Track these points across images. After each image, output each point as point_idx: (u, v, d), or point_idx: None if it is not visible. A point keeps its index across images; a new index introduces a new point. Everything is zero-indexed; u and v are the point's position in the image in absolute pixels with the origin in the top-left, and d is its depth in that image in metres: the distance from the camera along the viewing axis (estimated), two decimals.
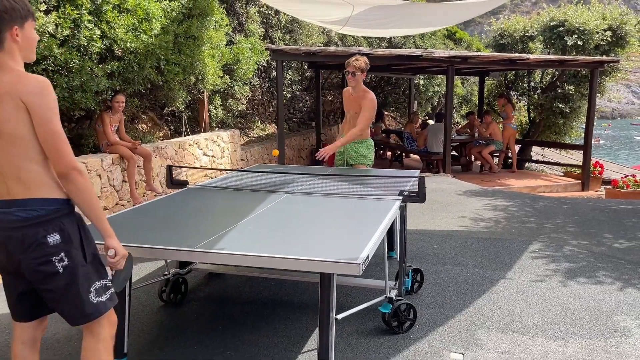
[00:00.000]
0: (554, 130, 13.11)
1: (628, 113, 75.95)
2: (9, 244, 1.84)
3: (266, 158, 9.85)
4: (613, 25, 12.09)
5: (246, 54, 8.32)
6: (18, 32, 1.82)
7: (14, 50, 1.83)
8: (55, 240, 1.85)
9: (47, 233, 1.84)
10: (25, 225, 1.82)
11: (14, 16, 1.80)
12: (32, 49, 1.91)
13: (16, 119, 1.78)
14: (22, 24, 1.84)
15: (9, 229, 1.84)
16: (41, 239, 1.83)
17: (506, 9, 74.87)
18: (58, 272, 1.87)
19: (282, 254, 2.23)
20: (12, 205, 1.84)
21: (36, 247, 1.83)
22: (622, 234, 5.48)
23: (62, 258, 1.86)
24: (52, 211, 1.86)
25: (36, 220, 1.83)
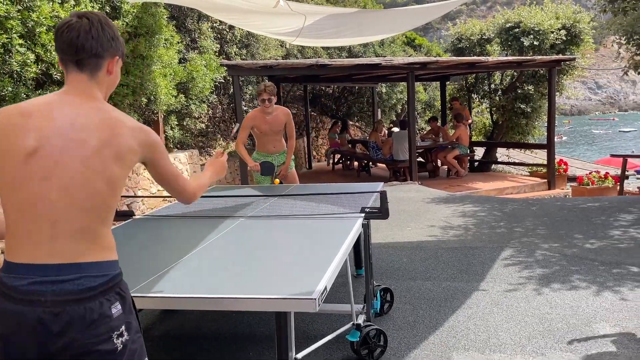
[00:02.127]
0: (517, 131, 13.20)
1: (586, 109, 78.36)
2: (58, 323, 1.41)
3: (229, 177, 9.55)
4: (567, 24, 12.28)
5: (201, 71, 8.04)
6: (115, 65, 1.64)
7: (103, 84, 1.61)
8: (117, 312, 1.49)
9: (111, 303, 1.48)
10: (89, 297, 1.44)
11: (118, 47, 1.63)
12: (113, 87, 1.70)
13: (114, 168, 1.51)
14: (120, 59, 1.66)
15: (61, 303, 1.41)
16: (107, 311, 1.47)
17: (462, 13, 76.47)
18: (115, 350, 1.48)
19: (230, 294, 1.99)
20: (66, 272, 1.44)
21: (102, 322, 1.45)
22: (592, 233, 5.40)
23: (122, 332, 1.50)
24: (114, 276, 1.52)
25: (100, 288, 1.47)
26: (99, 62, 1.57)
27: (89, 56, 1.55)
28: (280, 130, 5.09)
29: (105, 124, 1.51)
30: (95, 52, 1.55)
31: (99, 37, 1.55)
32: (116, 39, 1.61)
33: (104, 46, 1.56)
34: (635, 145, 40.18)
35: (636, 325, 3.23)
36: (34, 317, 1.41)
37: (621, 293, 3.74)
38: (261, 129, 5.00)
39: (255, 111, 5.01)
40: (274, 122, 5.00)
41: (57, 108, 1.50)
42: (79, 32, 1.53)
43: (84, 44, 1.53)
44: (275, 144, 5.16)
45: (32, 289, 1.41)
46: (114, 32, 1.61)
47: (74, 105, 1.52)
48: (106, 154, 1.49)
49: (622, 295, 3.71)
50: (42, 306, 1.41)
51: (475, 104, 14.39)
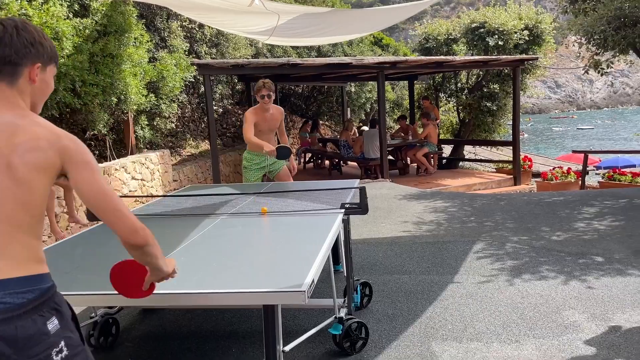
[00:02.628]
0: (483, 129, 13.52)
1: (546, 107, 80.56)
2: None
3: (200, 177, 9.49)
4: (529, 24, 12.65)
5: (171, 71, 7.98)
6: (38, 72, 1.52)
7: (26, 92, 1.51)
8: (55, 327, 1.40)
9: (46, 319, 1.38)
10: (19, 315, 1.34)
11: (41, 53, 1.52)
12: (43, 97, 1.59)
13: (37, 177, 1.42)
14: (45, 65, 1.55)
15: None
16: (41, 328, 1.37)
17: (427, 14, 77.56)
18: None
19: (217, 289, 2.01)
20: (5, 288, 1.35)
21: (38, 340, 1.35)
22: (558, 225, 5.60)
23: (61, 349, 1.40)
24: (45, 290, 1.42)
25: (31, 304, 1.37)
26: (16, 70, 1.48)
27: (3, 64, 1.47)
28: (275, 128, 5.09)
29: (23, 132, 1.42)
30: (10, 60, 1.47)
31: (13, 44, 1.47)
32: (36, 44, 1.51)
33: (19, 53, 1.48)
34: (593, 142, 41.59)
35: (603, 311, 3.39)
36: None
37: (588, 282, 3.91)
38: (260, 126, 4.95)
39: (255, 109, 4.96)
40: (272, 120, 4.99)
41: None
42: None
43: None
44: (269, 142, 5.08)
45: None
46: (34, 36, 1.51)
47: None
48: (23, 162, 1.41)
49: (589, 283, 3.88)
50: None
51: (443, 102, 14.67)
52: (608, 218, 5.81)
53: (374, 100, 17.47)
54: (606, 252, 4.60)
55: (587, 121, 62.32)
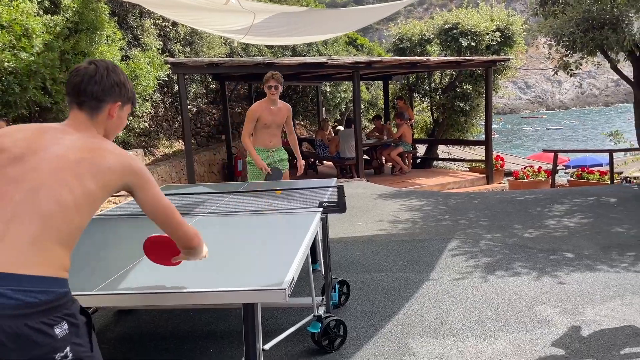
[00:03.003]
0: (456, 128, 13.72)
1: (517, 108, 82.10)
2: None
3: (175, 177, 9.38)
4: (501, 26, 12.88)
5: (144, 69, 7.87)
6: (117, 110, 1.72)
7: (102, 125, 1.70)
8: (63, 332, 1.39)
9: (55, 323, 1.37)
10: (28, 314, 1.33)
11: (123, 93, 1.72)
12: (116, 132, 1.78)
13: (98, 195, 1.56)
14: (124, 104, 1.75)
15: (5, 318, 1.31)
16: (48, 331, 1.35)
17: (400, 15, 78.25)
18: None
19: (197, 287, 2.00)
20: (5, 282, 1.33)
21: (43, 343, 1.35)
22: (530, 223, 5.73)
23: (66, 354, 1.39)
24: (61, 295, 1.41)
25: (43, 306, 1.36)
26: (99, 105, 1.67)
27: (89, 99, 1.65)
28: (281, 124, 5.01)
29: (90, 145, 1.59)
30: (96, 96, 1.66)
31: (102, 83, 1.66)
32: (121, 85, 1.70)
33: (105, 91, 1.67)
34: (562, 142, 42.57)
35: (574, 306, 3.48)
36: None
37: (559, 277, 4.02)
38: (265, 119, 4.86)
39: (260, 102, 4.89)
40: (278, 114, 4.93)
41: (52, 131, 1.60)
42: (83, 78, 1.65)
43: (86, 88, 1.65)
44: (273, 138, 5.03)
45: None
46: (121, 79, 1.70)
47: (65, 133, 1.61)
48: (83, 170, 1.52)
49: (560, 279, 3.98)
50: None
51: (417, 102, 14.82)
52: (577, 215, 5.97)
53: (349, 100, 17.54)
54: (576, 248, 4.73)
55: (556, 121, 63.80)
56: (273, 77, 4.79)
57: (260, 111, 4.85)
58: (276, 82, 4.79)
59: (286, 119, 5.03)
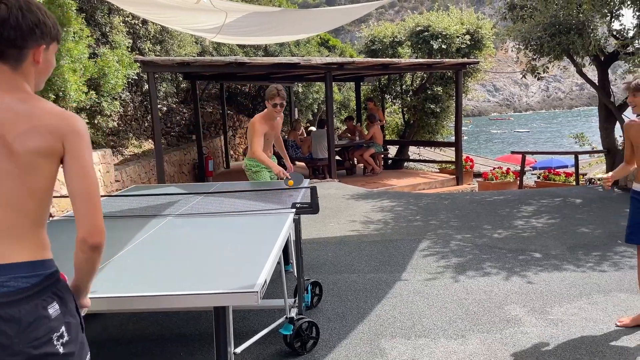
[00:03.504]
0: (427, 130, 13.86)
1: (485, 110, 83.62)
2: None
3: (144, 177, 9.22)
4: (470, 29, 13.08)
5: (113, 67, 7.70)
6: (42, 53, 1.47)
7: (30, 74, 1.47)
8: (55, 312, 1.40)
9: (47, 303, 1.40)
10: (22, 299, 1.36)
11: (45, 33, 1.46)
12: (46, 76, 1.54)
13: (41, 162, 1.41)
14: (49, 45, 1.49)
15: None
16: (42, 312, 1.38)
17: (372, 16, 78.76)
18: (57, 354, 1.40)
19: (166, 291, 1.96)
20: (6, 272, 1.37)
21: (38, 325, 1.37)
22: (499, 224, 5.82)
23: (62, 334, 1.41)
24: (48, 275, 1.43)
25: (34, 289, 1.39)
26: (21, 53, 1.44)
27: (7, 47, 1.42)
28: (278, 134, 4.92)
29: (24, 117, 1.41)
30: (15, 44, 1.42)
31: (19, 26, 1.41)
32: (41, 24, 1.45)
33: (24, 36, 1.42)
34: (529, 144, 43.53)
35: (542, 305, 3.55)
36: None
37: (527, 277, 4.09)
38: (269, 135, 4.71)
39: (262, 116, 4.63)
40: (277, 127, 4.81)
41: None
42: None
43: (1, 33, 1.40)
44: (271, 148, 4.90)
45: None
46: (39, 17, 1.45)
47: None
48: (25, 149, 1.40)
49: (529, 279, 4.05)
50: None
51: (388, 104, 14.93)
52: (545, 216, 6.09)
53: (321, 101, 17.56)
54: (544, 248, 4.82)
55: (523, 124, 65.14)
56: (279, 95, 4.53)
57: (266, 127, 4.65)
58: (282, 99, 4.55)
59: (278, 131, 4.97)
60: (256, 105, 17.05)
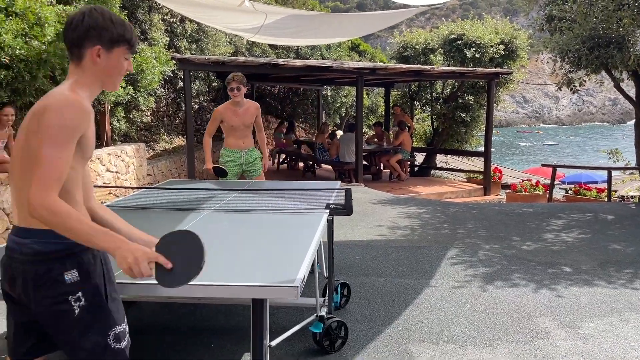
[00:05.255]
0: (456, 139, 13.78)
1: (513, 121, 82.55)
2: (21, 278, 1.62)
3: (174, 173, 9.39)
4: (505, 39, 12.97)
5: (150, 64, 7.88)
6: (101, 53, 1.67)
7: (89, 71, 1.68)
8: (73, 278, 1.62)
9: (65, 269, 1.61)
10: (40, 260, 1.60)
11: (103, 35, 1.66)
12: (114, 77, 1.73)
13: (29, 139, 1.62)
14: (110, 47, 1.68)
15: (22, 262, 1.61)
16: (57, 277, 1.60)
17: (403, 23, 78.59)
18: (73, 312, 1.63)
19: (210, 281, 2.02)
20: (28, 235, 1.61)
21: (51, 284, 1.60)
22: (528, 236, 5.77)
23: (79, 297, 1.63)
24: (71, 245, 1.61)
25: (52, 255, 1.61)
26: (80, 52, 1.66)
27: (71, 46, 1.67)
28: (250, 123, 5.00)
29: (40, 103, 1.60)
30: (75, 43, 1.66)
31: (77, 29, 1.64)
32: (99, 28, 1.64)
33: (81, 37, 1.64)
34: (558, 158, 42.79)
35: (572, 319, 3.52)
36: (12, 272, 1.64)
37: (557, 290, 4.05)
38: (232, 121, 4.87)
39: (225, 104, 4.89)
40: (245, 114, 4.91)
41: None
42: (66, 26, 1.67)
43: (66, 35, 1.67)
44: (245, 139, 5.04)
45: (12, 247, 1.64)
46: (97, 22, 1.64)
47: None
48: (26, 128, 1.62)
49: (558, 292, 4.02)
50: (14, 262, 1.63)
51: (418, 111, 14.89)
52: (575, 231, 6.02)
53: (350, 105, 17.60)
54: (574, 262, 4.77)
55: (552, 137, 64.12)
56: (234, 79, 4.75)
57: (224, 113, 4.85)
58: (238, 83, 4.75)
59: (256, 116, 5.01)
60: (285, 106, 17.18)
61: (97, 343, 1.66)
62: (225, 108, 4.86)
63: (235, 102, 4.83)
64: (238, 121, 4.89)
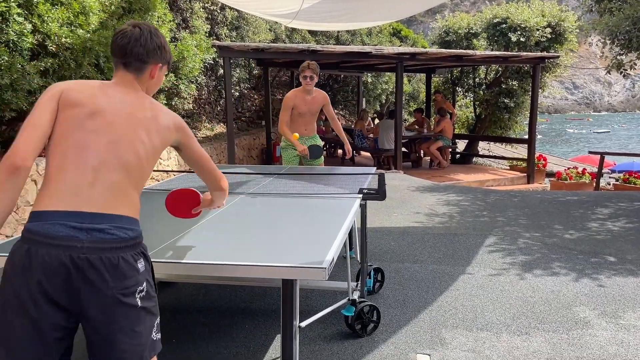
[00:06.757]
0: (499, 125, 13.44)
1: (562, 108, 79.67)
2: (93, 269, 1.50)
3: (215, 159, 9.56)
4: (552, 22, 12.51)
5: (191, 51, 8.00)
6: (158, 71, 1.86)
7: (144, 84, 1.85)
8: (142, 267, 1.62)
9: (137, 258, 1.61)
10: (121, 247, 1.56)
11: (163, 56, 1.85)
12: (155, 89, 1.93)
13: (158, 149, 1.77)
14: (163, 66, 1.89)
15: (96, 250, 1.51)
16: (135, 265, 1.59)
17: (447, 8, 76.83)
18: (135, 306, 1.58)
19: (242, 261, 2.06)
20: (105, 221, 1.56)
21: (131, 274, 1.57)
22: (571, 224, 5.60)
23: (143, 288, 1.61)
24: (140, 234, 1.67)
25: (131, 242, 1.60)
26: (143, 67, 1.80)
27: (135, 60, 1.78)
28: (316, 112, 4.99)
29: (148, 106, 1.78)
30: (141, 58, 1.78)
31: (146, 45, 1.78)
32: (162, 48, 1.83)
33: (149, 54, 1.79)
34: (608, 146, 41.11)
35: (614, 309, 3.41)
36: (71, 263, 1.50)
37: (599, 280, 3.93)
38: (300, 109, 4.85)
39: (295, 91, 4.86)
40: (313, 103, 4.90)
41: (110, 89, 1.75)
42: (130, 40, 1.76)
43: (132, 50, 1.77)
44: (308, 126, 5.01)
45: (70, 234, 1.51)
46: (162, 42, 1.83)
47: (122, 92, 1.76)
48: (149, 127, 1.74)
49: (600, 282, 3.89)
50: (78, 252, 1.50)
51: (460, 97, 14.59)
52: (622, 220, 5.80)
53: (390, 92, 17.42)
54: (619, 252, 4.61)
55: (603, 125, 61.59)
56: (309, 67, 4.74)
57: (294, 100, 4.83)
58: (312, 72, 4.74)
59: (324, 106, 4.99)
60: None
61: (147, 336, 1.63)
62: (296, 95, 4.84)
63: (306, 90, 4.82)
64: (306, 109, 4.88)
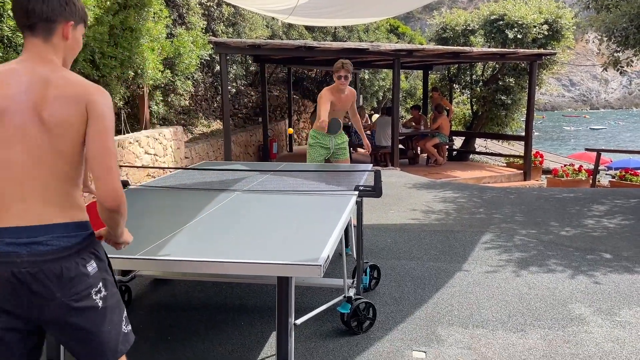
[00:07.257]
0: (496, 122, 13.44)
1: (559, 105, 79.80)
2: (37, 282, 1.48)
3: (212, 156, 9.53)
4: (549, 19, 12.50)
5: (188, 48, 7.98)
6: (71, 30, 1.61)
7: (59, 49, 1.60)
8: (93, 269, 1.58)
9: (86, 262, 1.56)
10: (64, 256, 1.52)
11: (74, 11, 1.61)
12: (73, 54, 1.69)
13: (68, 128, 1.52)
14: (77, 24, 1.64)
15: (37, 263, 1.48)
16: (82, 270, 1.55)
17: (444, 4, 76.75)
18: (97, 307, 1.58)
19: (236, 258, 2.05)
20: (41, 233, 1.50)
21: (78, 280, 1.54)
22: (567, 221, 5.61)
23: (100, 289, 1.59)
24: (87, 236, 1.59)
25: (75, 248, 1.54)
26: (51, 27, 1.56)
27: (39, 20, 1.55)
28: (347, 109, 5.05)
29: (54, 85, 1.53)
30: (46, 17, 1.55)
31: (49, 1, 1.55)
32: (70, 3, 1.59)
33: (55, 10, 1.56)
34: (604, 143, 41.22)
35: (610, 306, 3.41)
36: (13, 278, 1.47)
37: (595, 277, 3.94)
38: (334, 106, 4.86)
39: (330, 88, 4.88)
40: (346, 101, 4.95)
41: (14, 75, 1.53)
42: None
43: (34, 7, 1.54)
44: None
45: (7, 250, 1.47)
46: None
47: (28, 72, 1.53)
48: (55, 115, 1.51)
49: (596, 279, 3.90)
50: (18, 267, 1.47)
51: (457, 94, 14.58)
52: (618, 216, 5.81)
53: (387, 89, 17.41)
54: (615, 249, 4.61)
55: (600, 122, 61.72)
56: (343, 67, 4.78)
57: (331, 97, 4.84)
58: (346, 72, 4.79)
59: (351, 104, 5.04)
60: (321, 90, 17.13)
61: (116, 331, 1.64)
62: (331, 92, 4.86)
63: (340, 89, 4.86)
64: (340, 106, 4.93)
